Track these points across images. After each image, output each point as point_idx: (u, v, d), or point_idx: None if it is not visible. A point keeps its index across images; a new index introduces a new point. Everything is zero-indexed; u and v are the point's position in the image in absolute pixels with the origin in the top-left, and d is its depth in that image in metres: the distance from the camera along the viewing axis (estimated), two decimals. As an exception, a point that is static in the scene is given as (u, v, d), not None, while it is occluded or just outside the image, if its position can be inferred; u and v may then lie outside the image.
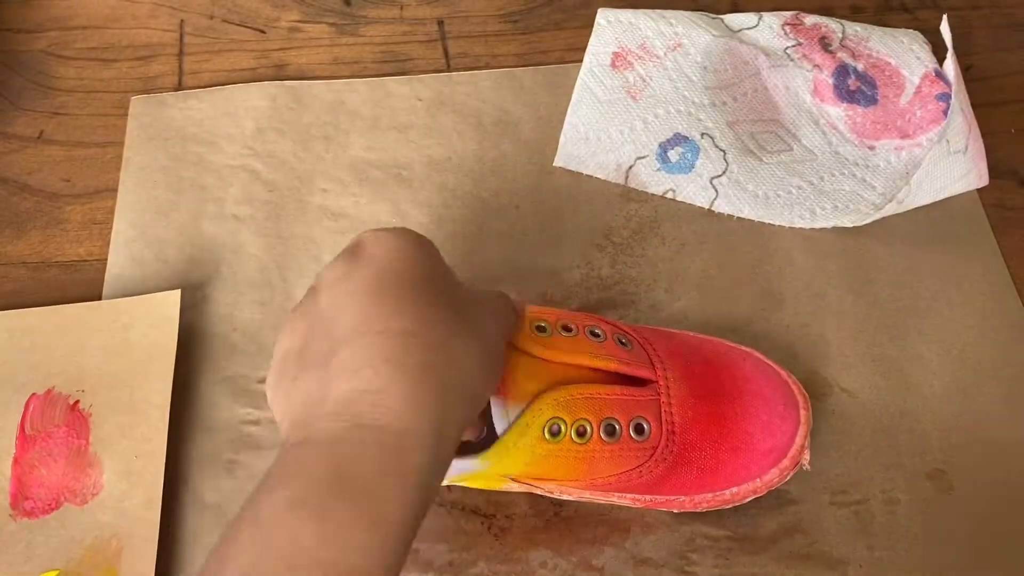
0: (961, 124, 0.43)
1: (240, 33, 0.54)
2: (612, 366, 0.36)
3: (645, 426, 0.35)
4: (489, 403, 0.34)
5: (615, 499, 0.37)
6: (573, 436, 0.34)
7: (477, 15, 0.55)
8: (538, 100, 0.51)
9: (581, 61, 0.49)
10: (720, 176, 0.47)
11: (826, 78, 0.47)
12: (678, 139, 0.47)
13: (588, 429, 0.34)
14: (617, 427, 0.35)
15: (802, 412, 0.38)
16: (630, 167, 0.48)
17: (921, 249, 0.46)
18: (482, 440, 0.38)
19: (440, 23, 0.55)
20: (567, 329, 0.36)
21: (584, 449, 0.34)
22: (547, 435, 0.34)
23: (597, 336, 0.37)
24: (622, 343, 0.37)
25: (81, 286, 0.46)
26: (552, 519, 0.39)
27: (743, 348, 0.41)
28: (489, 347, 0.31)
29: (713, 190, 0.47)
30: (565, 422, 0.34)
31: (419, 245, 0.31)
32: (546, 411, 0.34)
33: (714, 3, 0.55)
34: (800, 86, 0.48)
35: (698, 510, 0.38)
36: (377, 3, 0.56)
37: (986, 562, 0.38)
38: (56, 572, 0.38)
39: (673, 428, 0.36)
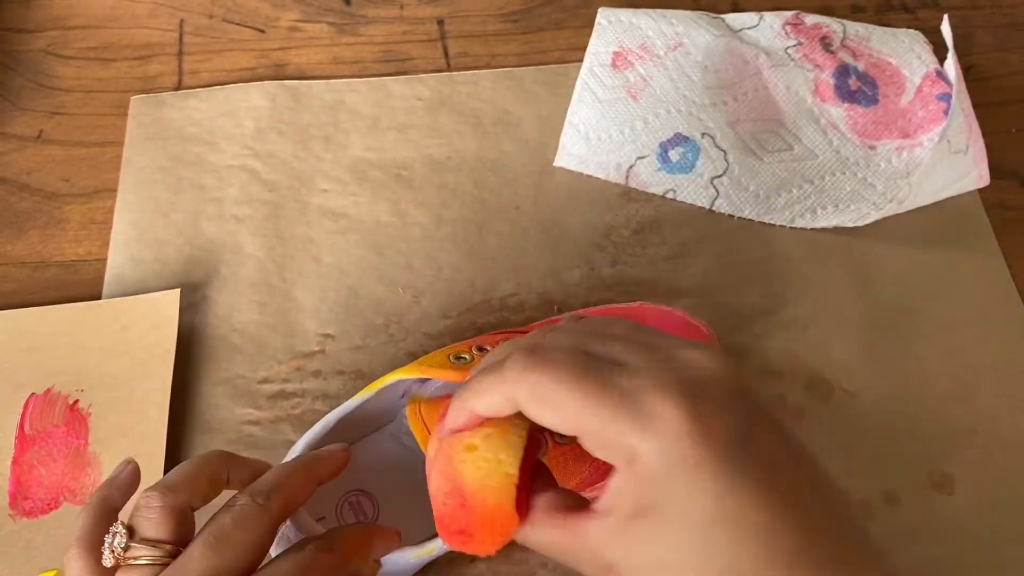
0: (962, 124, 0.43)
1: (240, 33, 0.54)
2: None
3: None
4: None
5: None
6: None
7: (477, 15, 0.55)
8: (538, 100, 0.51)
9: (581, 61, 0.49)
10: (721, 176, 0.47)
11: (827, 78, 0.47)
12: (679, 139, 0.47)
13: (544, 440, 0.32)
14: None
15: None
16: (631, 167, 0.48)
17: (922, 249, 0.46)
18: None
19: (440, 23, 0.55)
20: (480, 349, 0.36)
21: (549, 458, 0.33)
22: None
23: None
24: None
25: (80, 286, 0.45)
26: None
27: (666, 308, 0.41)
28: None
29: (714, 190, 0.47)
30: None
31: None
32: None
33: (715, 3, 0.55)
34: (801, 86, 0.48)
35: None
36: (377, 3, 0.55)
37: (986, 562, 0.38)
38: (55, 572, 0.37)
39: None
